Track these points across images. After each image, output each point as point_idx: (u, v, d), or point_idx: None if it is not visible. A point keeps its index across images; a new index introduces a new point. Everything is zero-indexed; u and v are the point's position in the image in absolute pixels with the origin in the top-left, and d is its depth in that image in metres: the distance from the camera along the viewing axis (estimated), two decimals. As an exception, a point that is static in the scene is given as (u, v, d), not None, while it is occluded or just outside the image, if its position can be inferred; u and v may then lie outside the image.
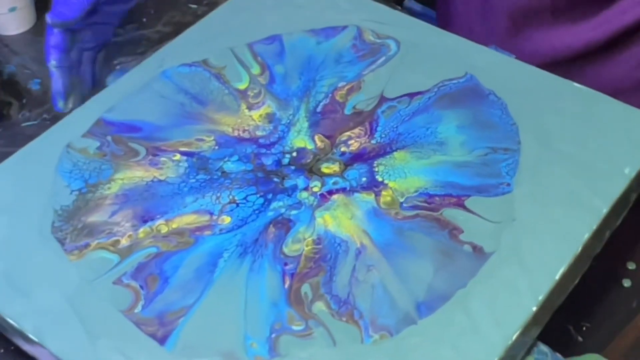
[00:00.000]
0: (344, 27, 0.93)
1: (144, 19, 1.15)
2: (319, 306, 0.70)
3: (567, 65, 0.99)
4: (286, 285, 0.72)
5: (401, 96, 0.85)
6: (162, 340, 0.70)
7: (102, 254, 0.76)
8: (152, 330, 0.70)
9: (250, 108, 0.86)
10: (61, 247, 0.77)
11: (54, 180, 0.82)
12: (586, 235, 0.72)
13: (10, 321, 0.72)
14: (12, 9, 1.14)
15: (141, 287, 0.73)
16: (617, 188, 0.76)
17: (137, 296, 0.73)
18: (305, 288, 0.71)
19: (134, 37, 1.12)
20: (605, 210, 0.74)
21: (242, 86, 0.89)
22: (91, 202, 0.80)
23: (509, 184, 0.77)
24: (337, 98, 0.86)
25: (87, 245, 0.77)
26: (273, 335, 0.69)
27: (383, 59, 0.89)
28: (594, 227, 0.73)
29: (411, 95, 0.85)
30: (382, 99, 0.85)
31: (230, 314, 0.71)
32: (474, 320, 0.68)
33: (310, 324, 0.69)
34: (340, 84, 0.87)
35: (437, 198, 0.76)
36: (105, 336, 0.70)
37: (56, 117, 0.94)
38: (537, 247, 0.72)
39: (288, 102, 0.87)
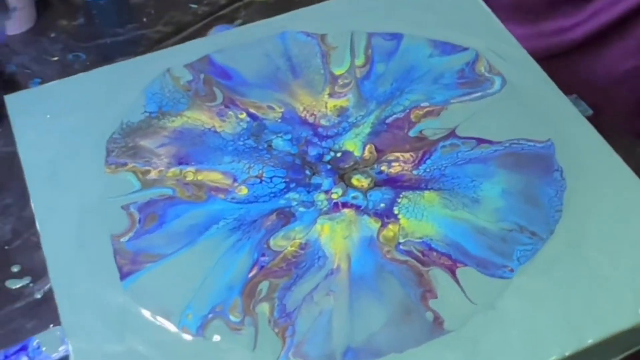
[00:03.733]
0: (464, 49, 0.83)
1: (144, 19, 1.07)
2: (264, 307, 0.65)
3: (563, 57, 0.95)
4: (250, 275, 0.67)
5: (470, 138, 0.75)
6: (123, 276, 0.68)
7: (130, 177, 0.75)
8: (122, 262, 0.69)
9: (331, 95, 0.80)
10: (105, 158, 0.76)
11: (137, 97, 0.80)
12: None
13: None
14: (12, 9, 1.06)
15: (139, 220, 0.71)
16: (616, 326, 0.63)
17: (131, 227, 0.71)
18: (264, 285, 0.66)
19: (134, 37, 1.05)
20: (588, 342, 0.62)
21: (338, 71, 0.82)
22: (151, 128, 0.78)
23: (512, 270, 0.66)
24: (412, 117, 0.77)
25: (124, 164, 0.75)
26: (210, 315, 0.65)
27: (480, 94, 0.79)
28: (565, 355, 0.62)
29: (480, 141, 0.75)
30: (452, 134, 0.75)
31: (190, 279, 0.67)
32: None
33: (246, 321, 0.64)
34: (423, 104, 0.78)
35: (434, 253, 0.68)
36: (88, 249, 0.70)
37: None
38: (496, 346, 0.62)
39: (367, 103, 0.79)
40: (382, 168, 0.74)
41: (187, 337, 0.64)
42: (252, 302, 0.65)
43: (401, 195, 0.71)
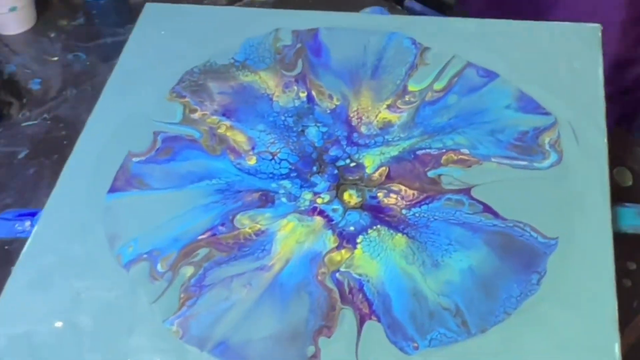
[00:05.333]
0: (546, 113, 0.73)
1: None
2: (188, 270, 0.66)
3: None
4: (199, 237, 0.67)
5: (480, 202, 0.67)
6: (111, 190, 0.71)
7: (179, 109, 0.78)
8: (119, 178, 0.72)
9: (389, 107, 0.75)
10: (175, 82, 0.79)
11: (237, 43, 0.82)
12: None
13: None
14: (12, 9, 1.01)
15: (157, 150, 0.74)
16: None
17: (147, 152, 0.75)
18: (203, 251, 0.67)
19: None
20: None
21: (412, 87, 0.77)
22: (226, 75, 0.80)
23: (417, 347, 0.60)
24: (442, 158, 0.71)
25: (183, 97, 0.78)
26: (144, 256, 0.67)
27: (525, 163, 0.70)
28: None
29: (487, 209, 0.67)
30: (465, 191, 0.68)
31: (155, 217, 0.70)
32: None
33: (166, 275, 0.65)
34: (463, 150, 0.71)
35: (360, 295, 0.63)
36: (105, 154, 0.73)
37: (56, 117, 0.89)
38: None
39: (414, 127, 0.74)
40: (379, 194, 0.69)
41: (117, 265, 0.66)
42: (182, 262, 0.65)
43: (375, 227, 0.67)
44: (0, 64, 0.98)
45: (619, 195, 0.71)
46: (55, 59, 0.99)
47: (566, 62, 0.76)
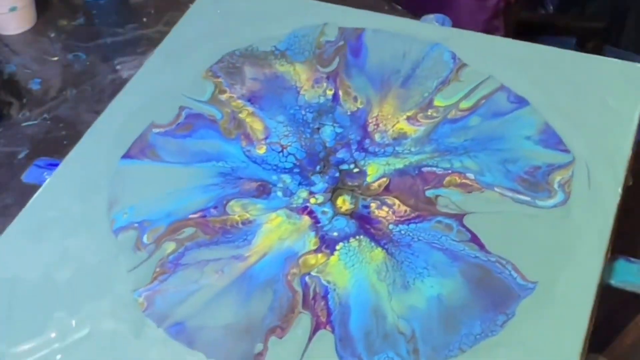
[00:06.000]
0: (565, 150, 0.68)
1: (144, 19, 0.97)
2: (169, 246, 0.66)
3: None
4: (190, 216, 0.68)
5: (469, 231, 0.64)
6: (125, 156, 0.73)
7: (210, 88, 0.78)
8: (135, 146, 0.73)
9: (409, 119, 0.73)
10: (214, 61, 0.79)
11: (282, 33, 0.81)
12: None
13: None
14: (12, 9, 0.98)
15: (178, 124, 0.75)
16: None
17: (168, 125, 0.75)
18: (189, 230, 0.67)
19: (134, 37, 0.96)
20: None
21: (438, 102, 0.74)
22: (264, 62, 0.80)
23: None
24: (445, 179, 0.68)
25: (217, 77, 0.79)
26: (135, 225, 0.68)
27: (527, 199, 0.66)
28: None
29: (475, 239, 0.64)
30: (458, 217, 0.65)
31: (157, 189, 0.70)
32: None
33: (149, 247, 0.66)
34: (468, 174, 0.68)
35: (322, 303, 0.62)
36: (130, 121, 0.74)
37: (56, 117, 0.87)
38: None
39: (427, 143, 0.71)
40: (372, 204, 0.67)
41: (108, 229, 0.67)
42: (167, 237, 0.66)
43: (357, 237, 0.65)
44: (0, 64, 0.97)
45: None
46: (55, 59, 0.98)
47: (603, 99, 0.71)
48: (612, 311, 0.67)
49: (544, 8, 1.69)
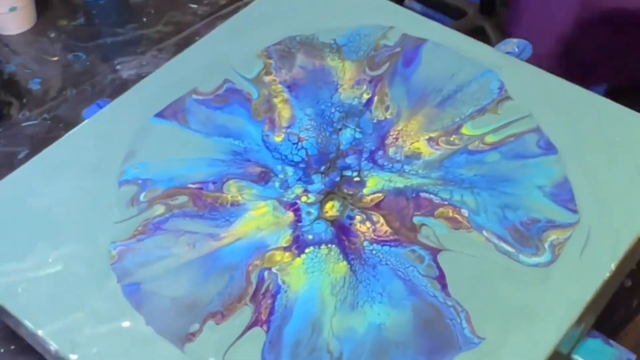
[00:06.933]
0: (573, 212, 0.62)
1: (144, 19, 0.91)
2: (158, 209, 0.67)
3: None
4: (189, 185, 0.68)
5: (438, 268, 0.60)
6: (158, 115, 0.74)
7: (259, 68, 0.77)
8: (170, 108, 0.74)
9: (431, 140, 0.69)
10: (274, 42, 0.79)
11: (348, 26, 0.79)
12: None
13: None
14: (12, 9, 0.92)
15: (216, 96, 0.75)
16: None
17: (206, 95, 0.75)
18: (183, 199, 0.67)
19: (134, 37, 0.90)
20: None
21: (466, 130, 0.69)
22: (321, 53, 0.78)
23: (284, 372, 0.57)
24: (438, 210, 0.63)
25: (270, 58, 0.78)
26: (139, 181, 0.68)
27: (512, 250, 0.60)
28: None
29: (440, 278, 0.60)
30: (433, 250, 0.61)
31: (173, 152, 0.71)
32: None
33: (142, 206, 0.67)
34: (463, 210, 0.63)
35: (269, 301, 0.60)
36: (175, 84, 0.75)
37: (56, 117, 0.83)
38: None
39: (436, 169, 0.67)
40: (357, 217, 0.64)
41: (116, 179, 0.68)
42: (161, 200, 0.66)
43: (329, 245, 0.62)
44: (0, 64, 0.94)
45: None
46: (55, 59, 0.96)
47: (637, 165, 0.63)
48: (612, 311, 0.65)
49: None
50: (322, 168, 0.67)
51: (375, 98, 0.71)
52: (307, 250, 0.62)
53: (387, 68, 0.74)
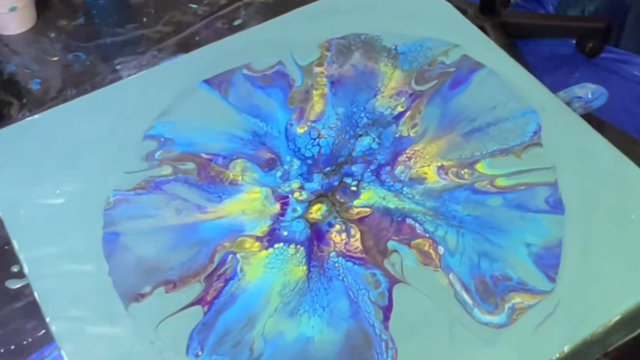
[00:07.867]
0: (550, 280, 0.56)
1: (144, 19, 0.87)
2: (166, 169, 0.67)
3: None
4: (202, 154, 0.68)
5: (389, 298, 0.57)
6: (208, 80, 0.74)
7: (314, 58, 0.76)
8: (222, 79, 0.74)
9: (441, 168, 0.64)
10: (340, 35, 0.77)
11: (417, 35, 0.76)
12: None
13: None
14: (12, 9, 0.87)
15: (263, 76, 0.74)
16: None
17: (260, 72, 0.74)
18: (190, 165, 0.68)
19: (134, 37, 0.85)
20: None
21: (481, 167, 0.64)
22: (374, 55, 0.75)
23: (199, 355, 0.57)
24: (416, 240, 0.60)
25: (329, 50, 0.76)
26: (155, 143, 0.69)
27: (470, 302, 0.56)
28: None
29: (387, 309, 0.56)
30: (392, 279, 0.58)
31: (196, 117, 0.71)
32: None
33: (154, 162, 0.68)
34: (439, 247, 0.59)
35: (224, 277, 0.60)
36: (202, 63, 0.75)
37: None
38: None
39: (434, 199, 0.62)
40: (337, 226, 0.61)
41: (144, 132, 0.69)
42: (173, 161, 0.67)
43: (298, 246, 0.60)
44: (0, 64, 0.93)
45: None
46: (55, 59, 0.94)
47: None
48: None
49: (544, 8, 1.56)
50: (327, 169, 0.65)
51: (408, 113, 0.68)
52: (276, 246, 0.60)
53: (432, 85, 0.69)
